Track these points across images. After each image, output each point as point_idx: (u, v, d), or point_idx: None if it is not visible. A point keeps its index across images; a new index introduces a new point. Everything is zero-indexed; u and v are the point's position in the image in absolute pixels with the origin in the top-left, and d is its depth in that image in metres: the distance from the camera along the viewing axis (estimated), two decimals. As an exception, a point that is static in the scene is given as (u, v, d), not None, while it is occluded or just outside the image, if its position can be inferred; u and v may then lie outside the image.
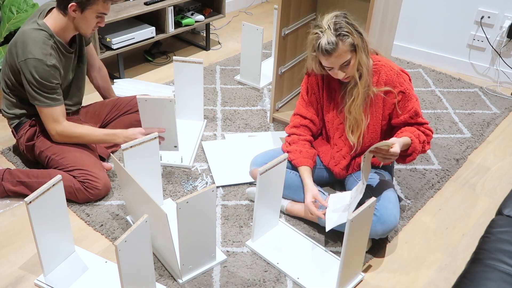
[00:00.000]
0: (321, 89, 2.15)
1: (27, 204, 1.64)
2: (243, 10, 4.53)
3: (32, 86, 2.11)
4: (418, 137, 2.01)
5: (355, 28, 1.90)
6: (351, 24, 1.90)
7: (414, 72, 3.50)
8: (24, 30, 2.12)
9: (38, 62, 2.08)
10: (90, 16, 2.13)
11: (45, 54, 2.09)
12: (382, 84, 2.01)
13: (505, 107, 3.13)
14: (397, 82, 2.00)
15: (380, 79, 2.01)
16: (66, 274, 1.87)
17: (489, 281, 1.53)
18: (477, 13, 3.34)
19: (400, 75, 2.01)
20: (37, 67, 2.08)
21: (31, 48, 2.08)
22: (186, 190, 2.34)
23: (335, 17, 1.91)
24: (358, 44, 1.90)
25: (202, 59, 2.66)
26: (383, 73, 2.01)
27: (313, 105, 2.19)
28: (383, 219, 1.93)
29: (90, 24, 2.17)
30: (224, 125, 2.83)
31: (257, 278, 1.91)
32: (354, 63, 1.93)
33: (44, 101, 2.14)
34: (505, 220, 1.80)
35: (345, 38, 1.87)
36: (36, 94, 2.13)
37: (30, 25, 2.14)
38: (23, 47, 2.09)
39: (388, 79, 2.00)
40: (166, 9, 3.26)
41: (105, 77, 2.65)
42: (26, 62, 2.08)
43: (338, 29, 1.87)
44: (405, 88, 2.01)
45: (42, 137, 2.27)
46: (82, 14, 2.12)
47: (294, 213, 2.18)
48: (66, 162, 2.20)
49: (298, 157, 2.12)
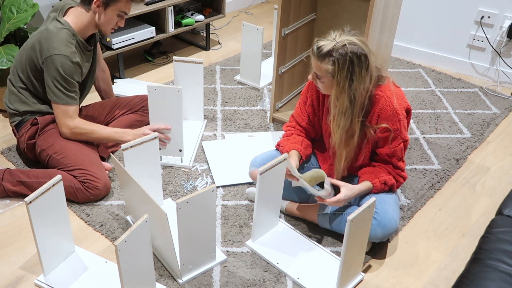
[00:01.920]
0: (321, 102, 2.11)
1: (27, 204, 1.64)
2: (243, 10, 4.53)
3: (55, 82, 2.15)
4: (385, 182, 1.98)
5: (352, 72, 1.78)
6: (352, 67, 1.78)
7: (414, 72, 3.50)
8: (48, 28, 2.15)
9: (65, 58, 2.13)
10: (112, 13, 2.20)
11: (71, 51, 2.15)
12: (376, 116, 1.93)
13: (505, 107, 3.13)
14: (390, 120, 1.92)
15: (375, 112, 1.93)
16: (66, 274, 1.87)
17: (489, 281, 1.53)
18: (477, 13, 3.34)
19: (396, 114, 1.91)
20: (63, 64, 2.13)
21: (57, 45, 2.12)
22: (186, 190, 2.34)
23: (351, 44, 1.78)
24: (339, 82, 1.81)
25: (202, 59, 2.66)
26: (380, 107, 1.91)
27: (310, 116, 2.15)
28: (383, 223, 1.93)
29: (111, 22, 2.23)
30: (224, 125, 2.83)
31: (257, 278, 1.91)
32: (328, 86, 1.87)
33: (64, 98, 2.18)
34: (505, 220, 1.80)
35: (329, 64, 1.80)
36: (57, 90, 2.16)
37: (52, 23, 2.17)
38: (48, 44, 2.13)
39: (382, 113, 1.91)
40: (166, 9, 3.26)
41: (108, 80, 2.66)
42: (52, 58, 2.12)
43: (338, 54, 1.78)
44: (395, 129, 1.93)
45: (43, 135, 2.27)
46: (105, 11, 2.18)
47: (293, 213, 2.18)
48: (67, 162, 2.20)
49: (286, 145, 2.11)
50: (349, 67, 1.79)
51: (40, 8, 2.93)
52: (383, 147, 1.98)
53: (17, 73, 2.27)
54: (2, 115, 2.83)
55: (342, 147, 1.96)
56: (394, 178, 2.01)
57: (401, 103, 1.94)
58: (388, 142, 1.96)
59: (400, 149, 1.98)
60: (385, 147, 1.97)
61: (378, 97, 1.91)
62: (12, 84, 2.30)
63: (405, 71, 3.52)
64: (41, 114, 2.29)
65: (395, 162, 2.00)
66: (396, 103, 1.91)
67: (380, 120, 1.93)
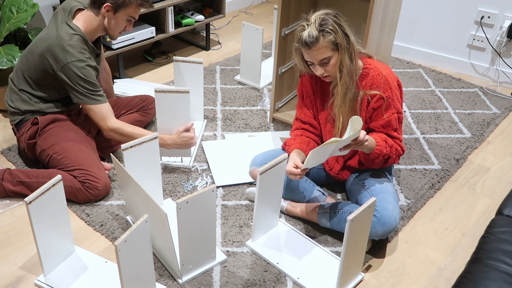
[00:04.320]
0: (316, 93, 2.15)
1: (27, 204, 1.65)
2: (243, 10, 4.53)
3: (79, 86, 2.17)
4: (386, 140, 1.98)
5: (342, 28, 1.89)
6: (339, 24, 1.89)
7: (414, 72, 3.50)
8: (60, 35, 2.14)
9: (82, 63, 2.15)
10: (121, 18, 2.22)
11: (86, 57, 2.17)
12: (368, 88, 1.99)
13: (505, 107, 3.13)
14: (381, 88, 1.97)
15: (366, 83, 1.99)
16: (66, 274, 1.88)
17: (489, 281, 1.53)
18: (477, 13, 3.34)
19: (387, 81, 1.98)
20: (82, 68, 2.15)
21: (72, 52, 2.13)
22: (186, 190, 2.34)
23: (325, 14, 1.90)
24: (341, 44, 1.89)
25: (202, 59, 2.66)
26: (370, 76, 1.99)
27: (310, 109, 2.18)
28: (383, 220, 1.93)
29: (120, 26, 2.25)
30: (224, 125, 2.83)
31: (257, 278, 1.91)
32: (335, 63, 1.92)
33: (94, 98, 2.20)
34: (505, 220, 1.80)
35: (327, 35, 1.87)
36: (84, 93, 2.18)
37: (63, 28, 2.16)
38: (63, 52, 2.13)
39: (374, 83, 1.98)
40: (166, 9, 3.26)
41: (109, 79, 2.67)
42: (71, 65, 2.13)
43: (323, 25, 1.87)
44: (388, 96, 1.97)
45: (44, 135, 2.27)
46: (114, 15, 2.19)
47: (294, 214, 2.18)
48: (67, 162, 2.20)
49: (293, 144, 2.12)
50: (339, 25, 1.88)
51: (40, 8, 2.93)
52: (377, 119, 2.00)
53: (23, 75, 2.27)
54: (2, 115, 2.83)
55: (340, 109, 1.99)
56: (392, 142, 2.00)
57: (390, 75, 2.00)
58: (382, 112, 1.98)
59: (395, 119, 2.00)
60: (379, 118, 1.99)
61: (367, 69, 1.99)
62: (14, 84, 2.30)
63: (405, 71, 3.52)
64: (42, 114, 2.29)
65: (390, 132, 2.01)
66: (385, 72, 1.98)
67: (372, 89, 1.98)
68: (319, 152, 1.83)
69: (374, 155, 1.97)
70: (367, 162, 2.03)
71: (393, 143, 2.00)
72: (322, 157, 1.91)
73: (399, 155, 2.04)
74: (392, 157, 2.01)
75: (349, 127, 1.80)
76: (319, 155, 1.86)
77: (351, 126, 1.79)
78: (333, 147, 1.82)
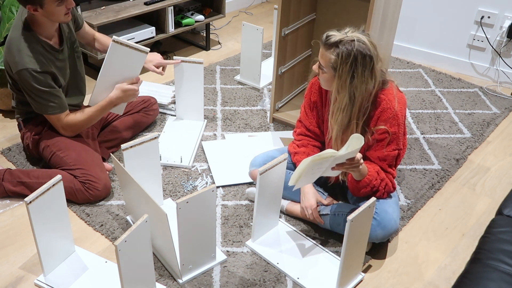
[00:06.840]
0: (324, 104, 2.09)
1: (27, 204, 1.65)
2: (243, 10, 4.53)
3: (33, 95, 2.12)
4: (378, 172, 1.92)
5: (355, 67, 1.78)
6: (355, 63, 1.77)
7: (414, 72, 3.50)
8: (11, 38, 2.08)
9: (32, 71, 2.06)
10: (52, 6, 2.03)
11: (35, 61, 2.07)
12: (375, 118, 1.91)
13: (505, 107, 3.13)
14: (388, 123, 1.89)
15: (376, 114, 1.91)
16: (66, 274, 1.88)
17: (489, 281, 1.53)
18: (477, 13, 3.34)
19: (396, 117, 1.89)
20: (32, 77, 2.07)
21: (22, 57, 2.05)
22: (186, 190, 2.34)
23: (360, 42, 1.78)
24: (340, 76, 1.81)
25: (202, 59, 2.66)
26: (380, 109, 1.89)
27: (315, 118, 2.14)
28: (383, 223, 1.92)
29: (58, 12, 2.06)
30: (224, 125, 2.83)
31: (257, 278, 1.91)
32: (328, 80, 1.87)
33: (48, 109, 2.15)
34: (505, 220, 1.80)
35: (334, 54, 1.79)
36: (39, 103, 2.13)
37: (17, 26, 2.10)
38: (13, 57, 2.07)
39: (382, 115, 1.89)
40: (166, 9, 3.26)
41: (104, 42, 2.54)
42: (21, 73, 2.07)
43: (343, 45, 1.78)
44: (394, 132, 1.90)
45: (49, 131, 2.27)
46: (44, 10, 2.03)
47: (294, 213, 2.18)
48: (69, 160, 2.20)
49: (303, 153, 2.10)
50: (352, 63, 1.78)
51: (40, 8, 2.92)
52: (376, 150, 1.94)
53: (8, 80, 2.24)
54: (2, 115, 2.83)
55: (338, 146, 1.94)
56: (385, 176, 1.94)
57: (402, 109, 1.91)
58: (383, 145, 1.92)
59: (393, 156, 1.94)
60: (379, 150, 1.93)
61: (379, 100, 1.90)
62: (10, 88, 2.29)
63: (405, 71, 3.52)
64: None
65: (385, 167, 1.95)
66: (397, 107, 1.89)
67: (379, 122, 1.91)
68: (313, 168, 1.76)
69: (363, 184, 1.91)
70: (354, 190, 1.97)
71: (385, 177, 1.94)
72: (314, 174, 1.84)
73: (389, 191, 1.97)
74: (381, 191, 1.94)
75: (348, 144, 1.72)
76: (312, 172, 1.79)
77: (350, 144, 1.71)
78: (328, 162, 1.75)
